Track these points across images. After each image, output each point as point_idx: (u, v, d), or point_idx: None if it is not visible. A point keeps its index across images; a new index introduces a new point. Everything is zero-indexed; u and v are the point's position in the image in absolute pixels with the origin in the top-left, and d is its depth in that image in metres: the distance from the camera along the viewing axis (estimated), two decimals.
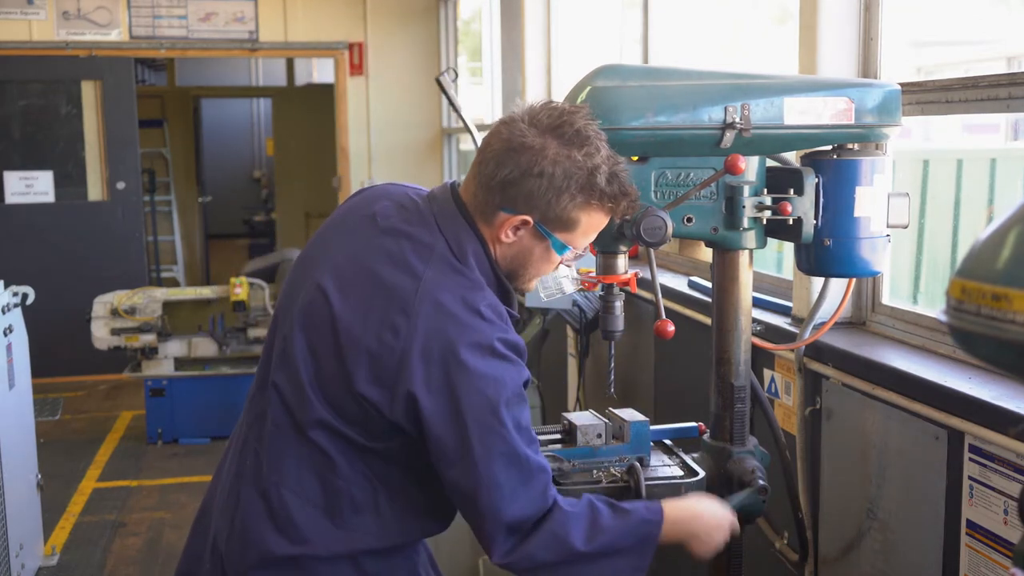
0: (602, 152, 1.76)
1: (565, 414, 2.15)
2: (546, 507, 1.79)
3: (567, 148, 1.74)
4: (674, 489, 2.01)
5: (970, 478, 2.02)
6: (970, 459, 2.02)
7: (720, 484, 2.12)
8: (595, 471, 2.03)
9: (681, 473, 2.07)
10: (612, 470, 2.03)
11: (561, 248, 1.82)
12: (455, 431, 1.74)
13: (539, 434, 2.10)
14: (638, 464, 1.99)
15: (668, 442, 2.24)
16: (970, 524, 2.02)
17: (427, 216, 1.85)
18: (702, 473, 2.06)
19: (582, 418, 2.12)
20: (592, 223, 1.81)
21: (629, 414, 2.13)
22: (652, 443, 2.15)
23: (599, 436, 2.07)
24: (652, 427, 2.15)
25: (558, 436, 2.15)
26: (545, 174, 1.73)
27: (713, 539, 1.93)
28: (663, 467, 2.09)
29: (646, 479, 1.96)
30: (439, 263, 1.79)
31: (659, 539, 1.84)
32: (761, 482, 2.07)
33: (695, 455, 2.17)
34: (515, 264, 1.85)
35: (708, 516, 1.93)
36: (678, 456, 2.15)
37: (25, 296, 4.39)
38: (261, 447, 1.89)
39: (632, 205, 1.82)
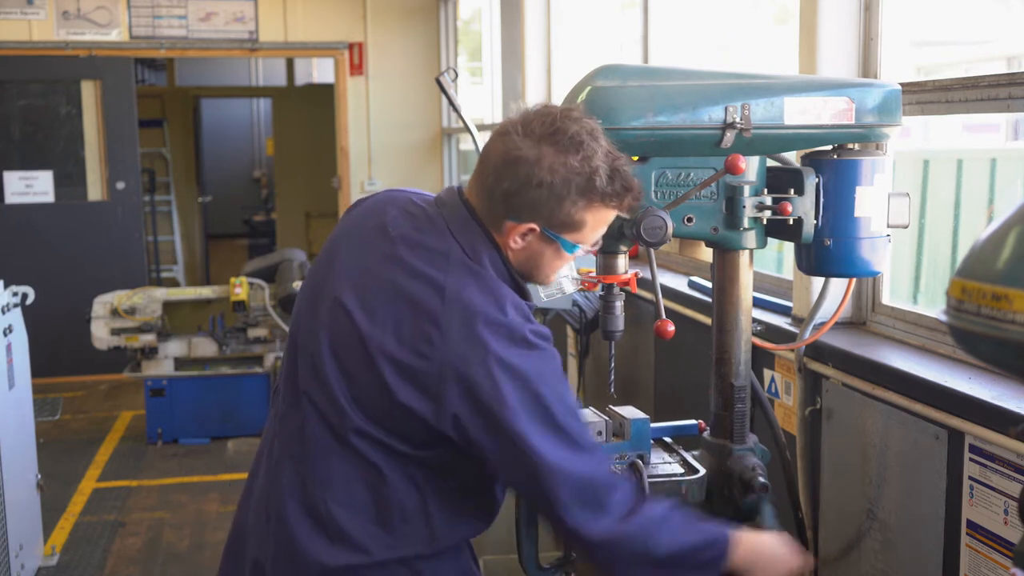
0: (599, 153, 1.76)
1: None
2: (612, 481, 1.78)
3: (563, 155, 1.75)
4: (675, 486, 2.01)
5: (970, 478, 2.02)
6: (970, 459, 2.02)
7: (720, 481, 2.12)
8: None
9: (681, 470, 2.07)
10: (613, 467, 2.02)
11: (571, 248, 1.83)
12: (504, 430, 1.74)
13: None
14: (639, 461, 1.99)
15: (668, 440, 2.24)
16: (970, 524, 2.02)
17: (438, 222, 1.85)
18: (702, 470, 2.06)
19: (582, 415, 2.11)
20: (599, 220, 1.82)
21: (629, 412, 2.13)
22: (652, 441, 2.15)
23: (600, 434, 2.07)
24: (652, 425, 2.14)
25: None
26: (544, 184, 1.75)
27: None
28: (663, 464, 2.09)
29: (647, 476, 1.96)
30: (457, 269, 1.80)
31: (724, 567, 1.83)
32: (761, 479, 2.07)
33: (695, 452, 2.17)
34: (529, 266, 1.87)
35: (777, 559, 1.88)
36: (678, 453, 2.15)
37: (25, 296, 4.39)
38: (303, 463, 1.88)
39: (637, 197, 1.83)
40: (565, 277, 2.11)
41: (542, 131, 1.76)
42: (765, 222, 2.10)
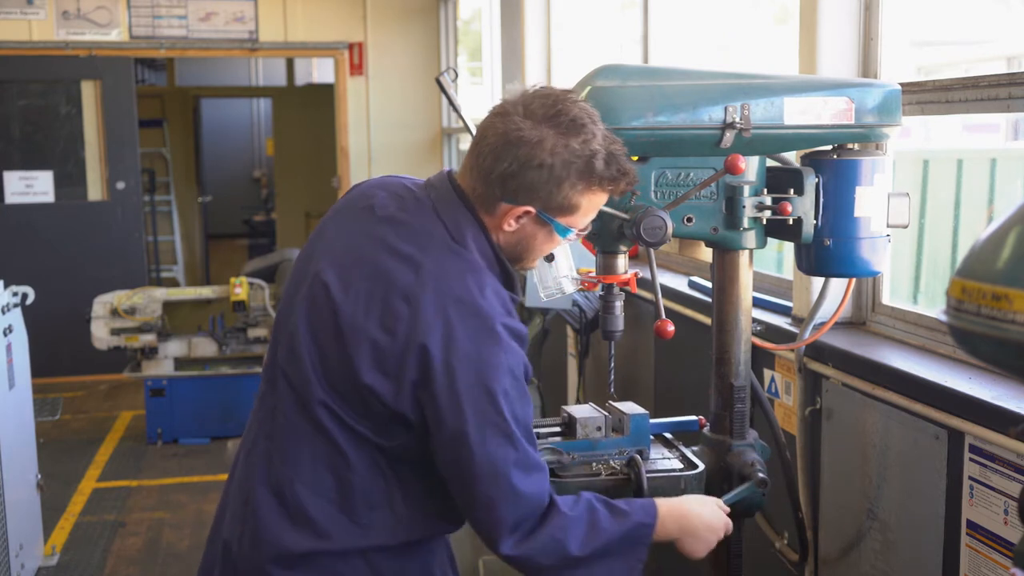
0: (598, 136, 1.77)
1: (565, 407, 2.15)
2: (543, 504, 1.79)
3: (564, 138, 1.74)
4: (674, 482, 2.01)
5: (970, 478, 2.02)
6: (970, 459, 2.02)
7: (720, 477, 2.12)
8: (595, 464, 2.03)
9: (681, 466, 2.07)
10: (612, 463, 2.03)
11: (564, 231, 1.83)
12: (453, 418, 1.74)
13: (539, 427, 2.11)
14: (638, 457, 1.99)
15: (668, 435, 2.24)
16: (970, 524, 2.02)
17: (425, 203, 1.85)
18: (702, 466, 2.06)
19: (582, 411, 2.11)
20: (593, 204, 1.83)
21: (629, 407, 2.13)
22: (652, 436, 2.15)
23: (599, 429, 2.07)
24: (652, 420, 2.15)
25: (558, 429, 2.15)
26: (545, 166, 1.74)
27: (707, 539, 1.94)
28: (663, 460, 2.09)
29: (646, 472, 1.96)
30: (438, 249, 1.79)
31: (653, 539, 1.85)
32: (761, 475, 2.07)
33: (695, 448, 2.17)
34: (519, 249, 1.86)
35: (703, 516, 1.93)
36: (678, 449, 2.15)
37: (25, 296, 4.40)
38: (273, 444, 1.88)
39: (632, 182, 1.83)
40: (565, 277, 2.11)
41: (543, 113, 1.75)
42: (765, 222, 2.10)
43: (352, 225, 1.89)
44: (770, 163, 2.14)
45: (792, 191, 2.07)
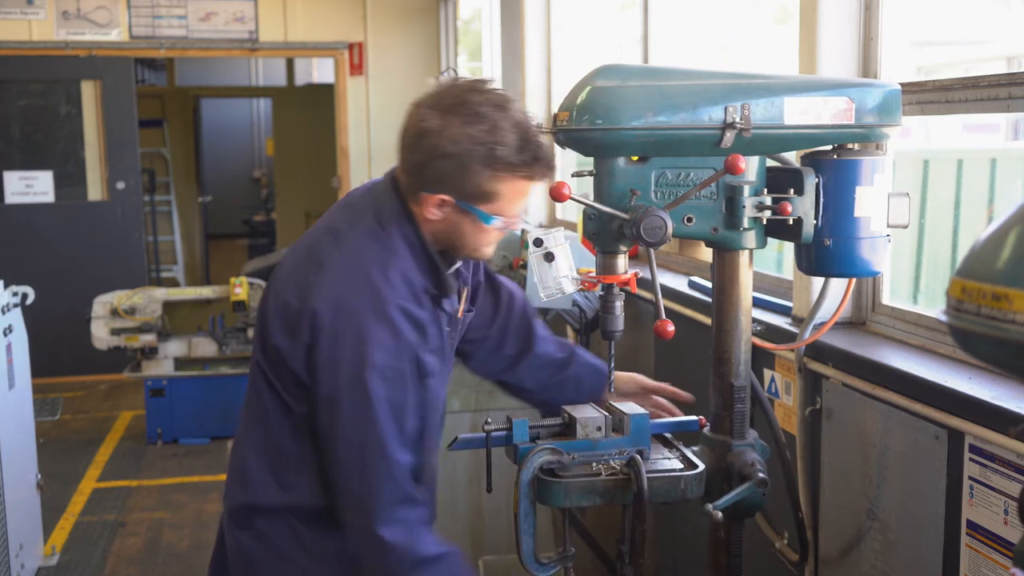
0: (505, 124, 1.82)
1: (565, 407, 2.15)
2: (401, 494, 1.87)
3: (466, 126, 1.81)
4: (674, 482, 2.01)
5: (970, 478, 2.02)
6: (970, 459, 2.02)
7: (720, 477, 2.12)
8: (595, 464, 2.03)
9: (681, 466, 2.07)
10: (612, 463, 2.02)
11: (488, 219, 1.90)
12: (328, 384, 1.85)
13: (540, 426, 2.11)
14: (638, 457, 1.99)
15: (668, 435, 2.24)
16: (970, 524, 2.02)
17: (374, 192, 2.00)
18: (702, 466, 2.06)
19: (582, 411, 2.11)
20: (512, 190, 1.89)
21: (629, 407, 2.12)
22: (652, 436, 2.15)
23: (599, 429, 2.07)
24: (652, 420, 2.15)
25: (558, 429, 2.14)
26: (448, 155, 1.82)
27: None
28: (663, 460, 2.09)
29: (646, 472, 1.96)
30: (363, 230, 1.92)
31: None
32: (761, 475, 2.06)
33: (695, 448, 2.17)
34: (451, 238, 1.94)
35: None
36: (678, 449, 2.15)
37: (25, 296, 4.40)
38: (243, 409, 2.07)
39: (549, 166, 1.90)
40: (565, 277, 2.11)
41: (449, 103, 1.84)
42: (765, 222, 2.09)
43: (323, 216, 2.04)
44: (770, 163, 2.14)
45: (792, 191, 2.07)
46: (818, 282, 2.53)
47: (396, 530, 1.87)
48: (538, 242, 2.12)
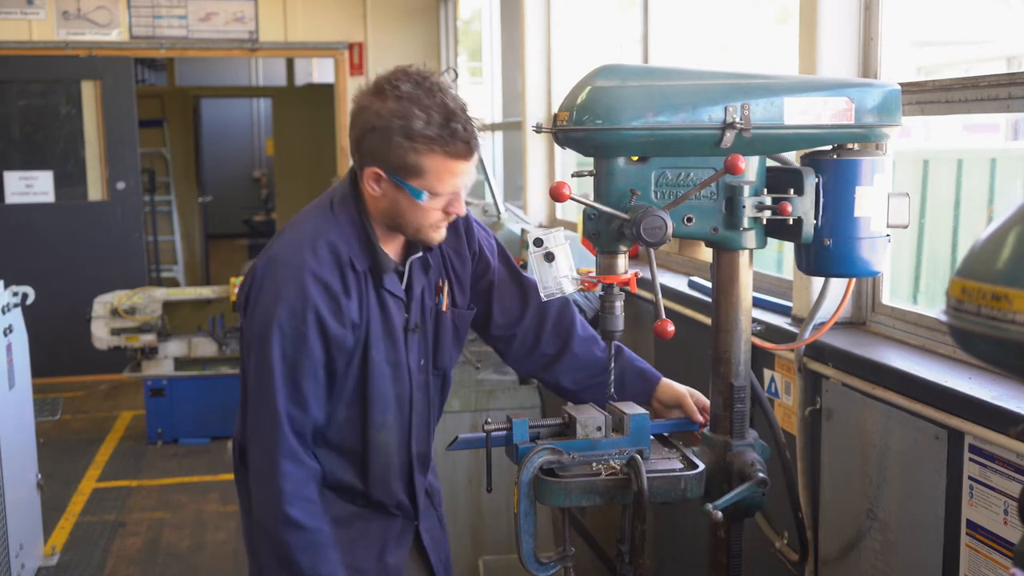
0: (425, 102, 1.97)
1: (565, 407, 2.15)
2: (275, 439, 2.04)
3: (393, 104, 1.98)
4: (674, 482, 2.01)
5: (970, 478, 2.02)
6: (970, 459, 2.02)
7: (720, 477, 2.12)
8: (595, 464, 2.03)
9: (681, 466, 2.07)
10: (612, 463, 2.02)
11: (417, 193, 2.02)
12: (246, 332, 2.10)
13: (540, 426, 2.10)
14: (638, 457, 1.99)
15: (667, 435, 2.24)
16: (970, 524, 2.02)
17: (340, 182, 2.20)
18: (702, 466, 2.06)
19: (582, 410, 2.11)
20: (437, 167, 2.00)
21: (629, 407, 2.12)
22: (652, 437, 2.14)
23: (599, 429, 2.07)
24: (652, 420, 2.14)
25: (558, 429, 2.14)
26: (376, 129, 1.99)
27: None
28: (663, 460, 2.09)
29: (646, 472, 1.96)
30: (315, 209, 2.15)
31: None
32: (761, 475, 2.06)
33: (695, 448, 2.16)
34: (392, 215, 2.08)
35: None
36: (678, 449, 2.15)
37: (25, 296, 4.40)
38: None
39: (468, 142, 2.00)
40: (565, 277, 2.11)
41: (380, 85, 2.02)
42: (765, 222, 2.09)
43: None
44: (770, 163, 2.14)
45: (792, 191, 2.07)
46: (818, 282, 2.53)
47: (279, 479, 2.03)
48: (538, 242, 2.12)
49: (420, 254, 2.20)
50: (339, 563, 2.10)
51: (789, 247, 2.65)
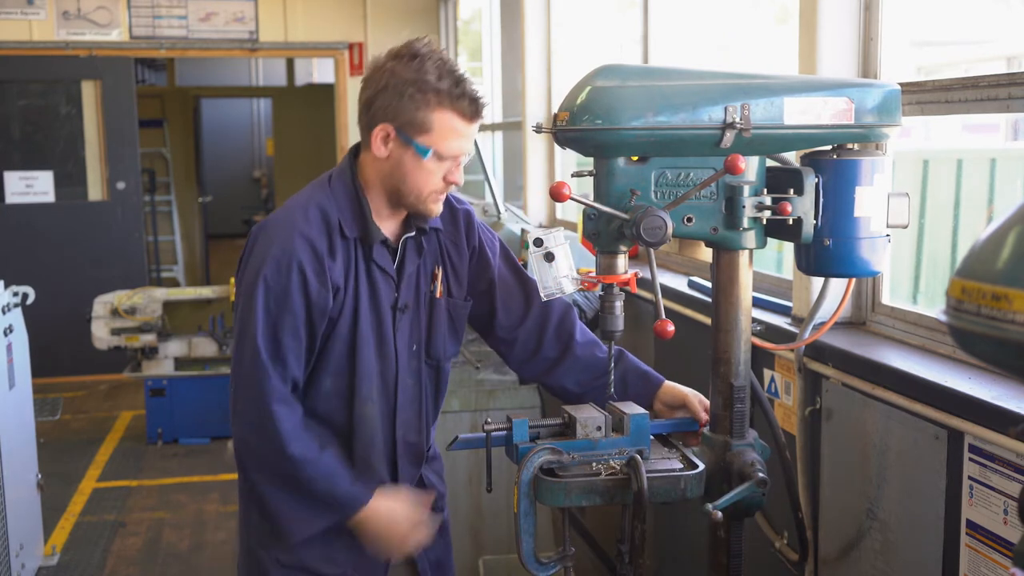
0: (438, 65, 2.10)
1: (565, 407, 2.15)
2: (259, 380, 2.09)
3: (404, 64, 2.09)
4: (674, 482, 2.01)
5: (970, 478, 2.02)
6: (970, 459, 2.02)
7: (720, 477, 2.12)
8: (595, 464, 2.03)
9: (681, 466, 2.07)
10: (612, 463, 2.02)
11: (424, 151, 2.09)
12: (240, 285, 2.17)
13: (540, 426, 2.10)
14: (638, 457, 1.99)
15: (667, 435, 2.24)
16: (970, 524, 2.03)
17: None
18: (702, 466, 2.06)
19: (582, 410, 2.11)
20: (445, 124, 2.10)
21: (629, 407, 2.13)
22: (652, 437, 2.15)
23: (599, 429, 2.07)
24: (652, 421, 2.14)
25: (558, 429, 2.15)
26: (389, 86, 2.09)
27: (385, 546, 2.22)
28: (663, 460, 2.09)
29: (646, 472, 1.96)
30: (316, 181, 2.24)
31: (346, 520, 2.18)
32: (760, 475, 2.06)
33: (694, 448, 2.16)
34: (395, 179, 2.14)
35: (392, 528, 2.20)
36: (677, 449, 2.15)
37: (25, 296, 4.40)
38: None
39: (475, 102, 2.13)
40: (565, 277, 2.11)
41: (396, 51, 2.13)
42: (765, 222, 2.09)
43: None
44: (770, 163, 2.14)
45: (792, 191, 2.07)
46: (818, 282, 2.53)
47: (275, 423, 2.09)
48: (538, 242, 2.12)
49: (414, 233, 2.24)
50: (352, 479, 2.17)
51: (789, 247, 2.65)
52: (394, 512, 2.20)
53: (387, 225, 2.22)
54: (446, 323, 2.33)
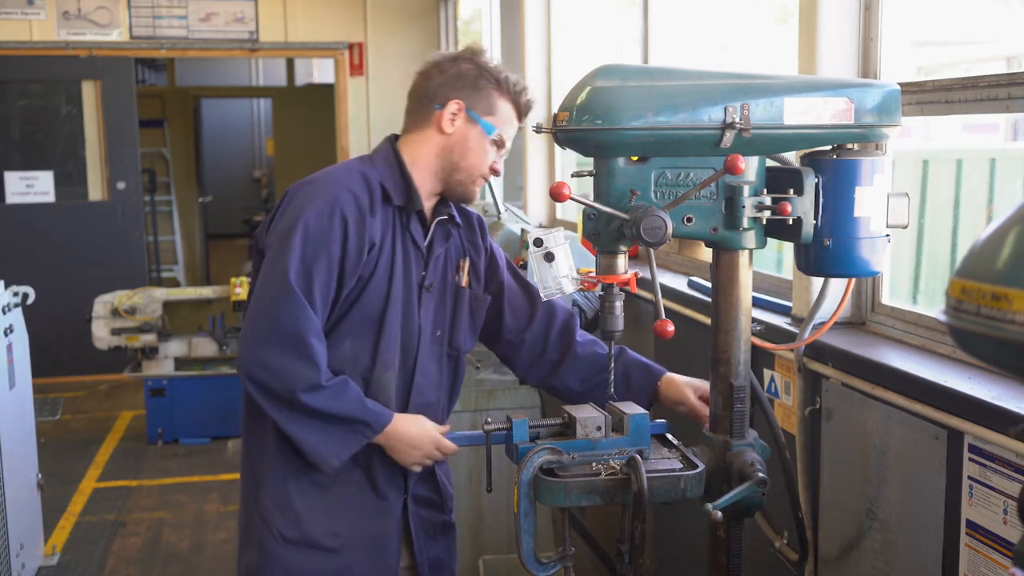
0: (498, 65, 2.29)
1: (565, 407, 2.15)
2: (293, 328, 2.10)
3: (468, 59, 2.28)
4: (674, 481, 2.01)
5: (970, 478, 2.02)
6: (970, 459, 2.02)
7: (720, 477, 2.12)
8: (595, 464, 2.03)
9: (681, 466, 2.07)
10: (612, 463, 2.02)
11: (490, 128, 2.25)
12: (271, 236, 2.19)
13: (540, 426, 2.10)
14: (638, 456, 1.99)
15: (669, 436, 2.24)
16: (970, 524, 2.03)
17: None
18: (701, 466, 2.06)
19: (582, 410, 2.11)
20: (508, 114, 2.28)
21: (629, 407, 2.13)
22: (652, 436, 2.15)
23: (599, 428, 2.07)
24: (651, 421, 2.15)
25: (558, 429, 2.15)
26: (464, 75, 2.26)
27: (409, 454, 2.24)
28: (663, 460, 2.09)
29: (646, 472, 1.96)
30: (354, 159, 2.33)
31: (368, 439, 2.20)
32: (760, 474, 2.06)
33: (695, 448, 2.17)
34: (456, 154, 2.26)
35: (409, 435, 2.23)
36: (677, 449, 2.15)
37: (25, 296, 4.40)
38: None
39: (529, 108, 2.32)
40: (565, 277, 2.11)
41: (453, 56, 2.32)
42: (765, 222, 2.09)
43: None
44: (770, 163, 2.14)
45: (792, 191, 2.07)
46: (818, 282, 2.53)
47: (311, 355, 2.11)
48: (538, 242, 2.12)
49: (445, 217, 2.32)
50: (366, 401, 2.20)
51: (789, 247, 2.65)
52: (417, 424, 2.25)
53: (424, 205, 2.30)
54: (468, 316, 2.39)
